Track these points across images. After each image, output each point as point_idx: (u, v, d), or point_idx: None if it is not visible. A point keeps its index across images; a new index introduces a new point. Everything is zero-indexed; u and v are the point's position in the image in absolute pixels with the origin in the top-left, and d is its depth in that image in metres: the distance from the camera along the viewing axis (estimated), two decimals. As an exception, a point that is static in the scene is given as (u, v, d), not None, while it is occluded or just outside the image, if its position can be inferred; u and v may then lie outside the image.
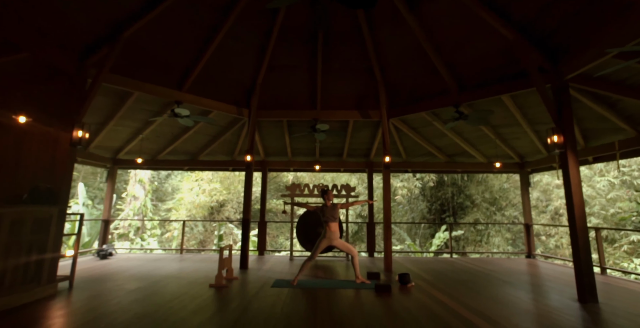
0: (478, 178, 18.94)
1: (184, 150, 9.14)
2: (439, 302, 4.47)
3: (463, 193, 19.13)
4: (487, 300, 4.56)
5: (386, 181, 7.08)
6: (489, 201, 18.76)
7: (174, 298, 4.49)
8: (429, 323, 3.62)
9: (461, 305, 4.29)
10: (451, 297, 4.72)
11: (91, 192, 20.99)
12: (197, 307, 4.08)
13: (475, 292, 5.04)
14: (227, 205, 17.85)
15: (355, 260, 5.60)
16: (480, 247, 17.52)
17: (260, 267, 7.07)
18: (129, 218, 13.44)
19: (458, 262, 8.16)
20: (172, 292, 4.79)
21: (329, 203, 5.66)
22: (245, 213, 7.06)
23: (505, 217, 18.01)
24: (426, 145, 8.74)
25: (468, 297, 4.72)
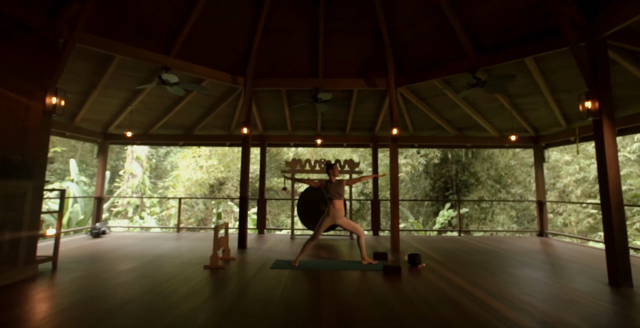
0: (483, 155, 18.45)
1: (178, 124, 8.61)
2: (454, 284, 4.08)
3: (467, 170, 18.68)
4: (505, 282, 4.17)
5: (393, 155, 6.59)
6: (494, 178, 18.35)
7: (165, 280, 4.10)
8: (445, 309, 3.22)
9: (478, 288, 3.89)
10: (466, 279, 4.33)
11: (90, 170, 20.59)
12: (188, 291, 3.69)
13: (491, 273, 4.64)
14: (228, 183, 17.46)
15: (362, 240, 5.19)
16: (485, 225, 17.24)
17: (259, 247, 6.70)
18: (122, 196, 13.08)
19: (467, 241, 7.79)
20: (163, 274, 4.41)
21: (334, 179, 5.20)
22: (243, 190, 6.62)
23: (511, 195, 17.65)
24: (435, 117, 8.17)
25: (484, 279, 4.32)
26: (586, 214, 13.98)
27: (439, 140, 8.91)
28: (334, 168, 5.22)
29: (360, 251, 5.21)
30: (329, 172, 5.22)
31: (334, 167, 5.23)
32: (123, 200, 16.38)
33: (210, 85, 7.36)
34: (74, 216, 9.52)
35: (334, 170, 5.21)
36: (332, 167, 5.22)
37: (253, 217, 11.62)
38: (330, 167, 5.23)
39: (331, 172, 5.20)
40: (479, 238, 8.48)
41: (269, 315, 3.06)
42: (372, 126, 8.74)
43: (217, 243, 4.81)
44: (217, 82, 7.21)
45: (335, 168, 5.22)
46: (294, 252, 6.08)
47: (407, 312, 3.17)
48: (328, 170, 5.24)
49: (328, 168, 5.24)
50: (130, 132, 7.43)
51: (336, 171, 5.22)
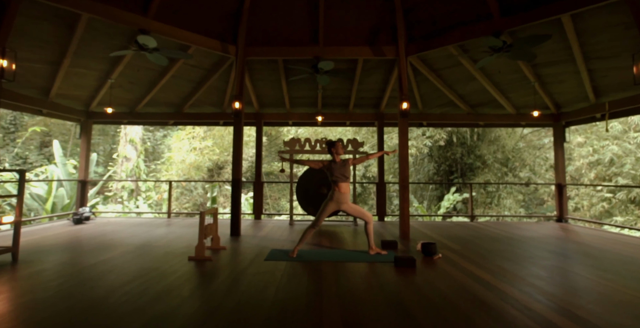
0: (490, 138, 17.73)
1: (166, 101, 7.88)
2: (477, 278, 3.46)
3: (473, 153, 18.01)
4: (539, 278, 3.55)
5: (403, 132, 5.89)
6: (500, 161, 17.70)
7: (139, 276, 3.48)
8: (471, 309, 2.61)
9: (508, 284, 3.27)
10: (490, 272, 3.71)
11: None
12: (163, 290, 3.08)
13: (518, 264, 4.03)
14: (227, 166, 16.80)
15: (370, 227, 4.56)
16: (490, 209, 16.65)
17: (255, 234, 6.09)
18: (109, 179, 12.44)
19: (480, 227, 7.18)
20: (139, 267, 3.80)
21: (338, 159, 4.53)
22: (235, 172, 5.96)
23: (518, 178, 17.02)
24: (447, 92, 7.42)
25: (512, 272, 3.71)
26: (600, 198, 13.36)
27: (449, 118, 8.18)
28: (336, 146, 4.54)
29: (367, 239, 4.59)
30: (332, 152, 4.55)
31: (336, 145, 4.55)
32: (117, 184, 15.80)
33: (198, 55, 6.60)
34: (59, 200, 8.92)
35: (337, 148, 4.53)
36: (334, 145, 4.55)
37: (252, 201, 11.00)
38: (332, 146, 4.55)
39: (334, 151, 4.53)
40: (493, 224, 7.87)
41: (260, 321, 2.44)
42: (377, 102, 8.00)
43: (202, 231, 4.18)
44: (205, 51, 6.45)
45: (339, 147, 4.55)
46: (293, 240, 5.47)
47: (426, 314, 2.55)
48: (330, 149, 4.56)
49: (330, 147, 4.57)
50: (110, 108, 6.69)
51: (340, 149, 4.55)
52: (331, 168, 4.46)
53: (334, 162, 4.50)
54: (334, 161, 4.51)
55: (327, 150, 4.62)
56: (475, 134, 17.47)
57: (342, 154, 4.56)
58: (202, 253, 4.14)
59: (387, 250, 4.70)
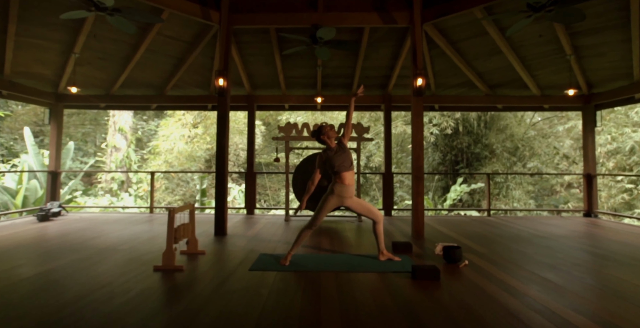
0: (498, 126, 16.83)
1: (145, 82, 6.96)
2: (520, 295, 2.62)
3: (480, 142, 17.14)
4: (596, 293, 2.71)
5: (417, 114, 5.00)
6: (509, 150, 16.85)
7: (80, 296, 2.64)
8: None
9: (562, 304, 2.43)
10: (535, 285, 2.87)
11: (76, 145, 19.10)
12: (104, 320, 2.25)
13: (565, 274, 3.19)
14: None
15: (379, 228, 3.72)
16: (498, 200, 15.82)
17: (244, 233, 5.26)
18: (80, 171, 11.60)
19: (500, 223, 6.35)
20: (87, 282, 2.96)
21: (333, 144, 3.66)
22: (220, 163, 5.09)
23: (527, 169, 16.18)
24: (465, 69, 6.50)
25: (561, 286, 2.87)
26: (619, 189, 12.52)
27: (465, 101, 7.28)
28: (325, 131, 3.66)
29: (376, 242, 3.75)
30: (322, 139, 3.67)
31: (324, 129, 3.66)
32: (107, 176, 14.99)
33: (176, 24, 5.68)
34: (31, 194, 8.09)
35: (327, 132, 3.64)
36: (322, 131, 3.66)
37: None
38: (320, 133, 3.66)
39: (325, 138, 3.65)
40: (511, 218, 7.04)
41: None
42: (384, 82, 7.08)
43: (172, 234, 3.33)
44: (183, 20, 5.53)
45: (328, 131, 3.65)
46: (287, 241, 4.64)
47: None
48: (319, 137, 3.68)
49: (318, 135, 3.68)
50: (74, 87, 5.78)
51: (330, 132, 3.66)
52: (329, 158, 3.59)
53: (329, 150, 3.63)
54: (329, 148, 3.64)
55: (316, 140, 3.74)
56: (482, 122, 16.62)
57: (334, 136, 3.69)
58: (170, 262, 3.30)
59: (400, 255, 3.87)
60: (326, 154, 3.62)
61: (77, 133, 20.08)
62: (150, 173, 7.53)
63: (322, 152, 3.66)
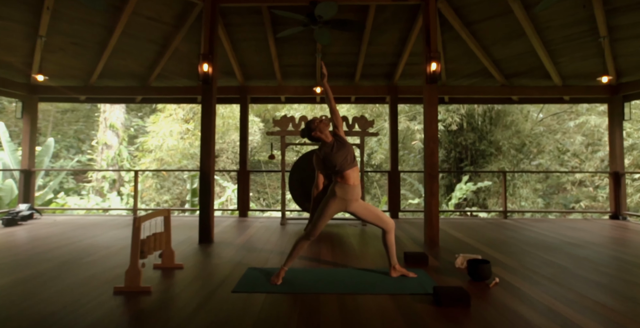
0: (505, 122, 16.20)
1: (127, 71, 6.32)
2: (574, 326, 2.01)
3: (486, 139, 16.52)
4: (690, 331, 2.08)
5: (430, 103, 4.36)
6: (515, 147, 16.24)
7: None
8: None
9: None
10: (590, 314, 2.25)
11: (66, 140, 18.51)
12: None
13: (618, 295, 2.57)
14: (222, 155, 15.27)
15: (390, 238, 3.08)
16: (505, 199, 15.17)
17: (233, 240, 4.63)
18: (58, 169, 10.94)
19: (520, 226, 5.72)
20: (29, 309, 2.34)
21: (329, 138, 3.02)
22: (205, 157, 4.45)
23: (534, 166, 15.59)
24: (481, 56, 5.85)
25: (621, 313, 2.24)
26: (637, 188, 11.90)
27: (478, 92, 6.63)
28: (315, 125, 2.97)
29: (387, 255, 3.12)
30: (314, 137, 3.00)
31: (314, 123, 2.99)
32: (97, 174, 14.36)
33: (154, 1, 5.01)
34: (7, 194, 7.46)
35: (319, 127, 2.97)
36: (312, 127, 2.97)
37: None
38: (310, 130, 2.98)
39: (318, 135, 2.98)
40: (531, 221, 6.41)
41: None
42: (390, 71, 6.44)
43: (137, 248, 2.70)
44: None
45: (319, 125, 2.97)
46: (282, 251, 4.01)
47: None
48: (310, 135, 3.01)
49: (309, 133, 3.01)
50: (41, 75, 5.13)
51: (323, 126, 2.98)
52: (327, 156, 2.94)
53: (325, 147, 2.99)
54: (325, 144, 3.00)
55: (308, 139, 3.08)
56: (488, 118, 16.02)
57: (325, 130, 3.01)
58: (135, 283, 2.67)
59: (414, 270, 3.24)
60: (323, 152, 2.97)
61: (69, 130, 19.49)
62: (134, 172, 6.89)
63: (318, 151, 3.00)
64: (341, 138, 3.02)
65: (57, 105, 19.01)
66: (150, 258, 3.18)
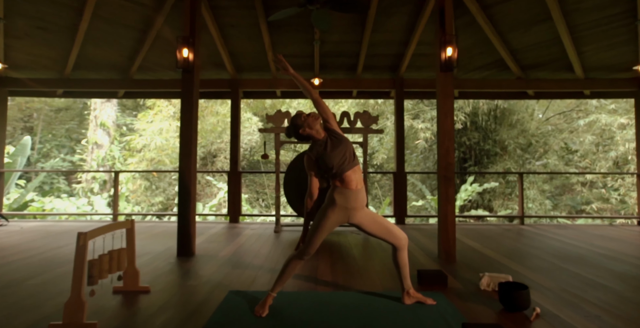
0: (510, 121, 15.66)
1: (105, 62, 5.72)
2: None
3: (490, 138, 15.97)
4: None
5: (445, 93, 3.77)
6: (521, 147, 15.69)
7: None
8: None
9: None
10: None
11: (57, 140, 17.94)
12: None
13: None
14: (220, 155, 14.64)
15: (403, 256, 2.49)
16: (510, 200, 14.61)
17: (218, 251, 4.03)
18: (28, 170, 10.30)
19: (540, 233, 5.14)
20: None
21: (321, 135, 2.41)
22: (184, 157, 3.85)
23: (543, 167, 15.02)
24: (498, 44, 5.26)
25: None
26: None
27: (491, 85, 6.04)
28: (301, 121, 2.37)
29: (399, 277, 2.53)
30: (302, 135, 2.39)
31: (299, 120, 2.37)
32: (87, 175, 13.78)
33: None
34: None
35: (307, 122, 2.36)
36: (298, 124, 2.37)
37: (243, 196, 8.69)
38: (296, 127, 2.38)
39: (307, 132, 2.37)
40: (551, 228, 5.82)
41: None
42: (396, 63, 5.85)
43: (80, 276, 2.09)
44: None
45: (307, 119, 2.36)
46: (272, 267, 3.41)
47: None
48: (297, 132, 2.40)
49: (296, 132, 2.40)
50: (2, 65, 4.52)
51: (311, 120, 2.36)
52: (321, 156, 2.34)
53: (317, 145, 2.39)
54: (317, 142, 2.41)
55: (295, 137, 2.47)
56: (492, 117, 15.49)
57: (315, 125, 2.38)
58: (76, 318, 2.06)
59: (432, 294, 2.64)
60: (316, 152, 2.38)
61: (62, 129, 18.92)
62: (114, 173, 6.29)
63: (309, 151, 2.41)
64: (336, 133, 2.43)
65: (50, 104, 18.43)
66: (107, 281, 2.59)
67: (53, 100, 18.75)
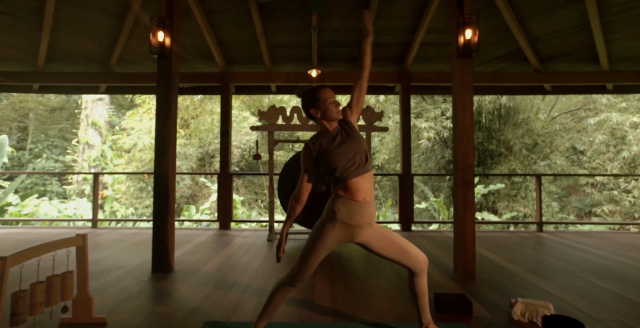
0: (516, 120, 15.17)
1: (82, 53, 5.20)
2: None
3: (495, 138, 15.47)
4: None
5: (464, 85, 3.24)
6: (527, 147, 15.19)
7: None
8: None
9: None
10: None
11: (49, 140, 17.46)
12: None
13: None
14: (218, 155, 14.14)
15: (422, 282, 1.96)
16: (516, 202, 14.09)
17: (200, 265, 3.50)
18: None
19: (562, 242, 4.61)
20: None
21: (332, 127, 1.88)
22: (160, 157, 3.33)
23: (550, 168, 14.51)
24: (517, 31, 4.74)
25: None
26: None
27: (505, 79, 5.51)
28: (318, 96, 1.83)
29: (416, 308, 2.00)
30: (310, 115, 1.89)
31: (318, 93, 1.83)
32: (78, 176, 13.29)
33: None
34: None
35: (324, 102, 1.82)
36: (314, 99, 1.84)
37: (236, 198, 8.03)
38: (312, 102, 1.85)
39: (316, 114, 1.85)
40: (572, 235, 5.29)
41: None
42: (402, 54, 5.33)
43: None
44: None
45: (326, 100, 1.82)
46: (261, 287, 2.89)
47: None
48: (308, 109, 1.87)
49: (308, 106, 1.87)
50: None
51: (329, 103, 1.83)
52: (324, 152, 1.82)
53: (322, 137, 1.87)
54: (323, 133, 1.88)
55: (304, 110, 1.92)
56: (497, 116, 15.00)
57: (337, 113, 1.85)
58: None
59: (456, 325, 2.13)
60: (319, 144, 1.85)
61: (55, 129, 18.45)
62: (94, 175, 5.77)
63: (311, 142, 1.88)
64: (351, 125, 1.91)
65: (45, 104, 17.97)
66: (53, 310, 2.06)
67: (48, 100, 18.25)
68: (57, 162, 16.71)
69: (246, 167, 14.74)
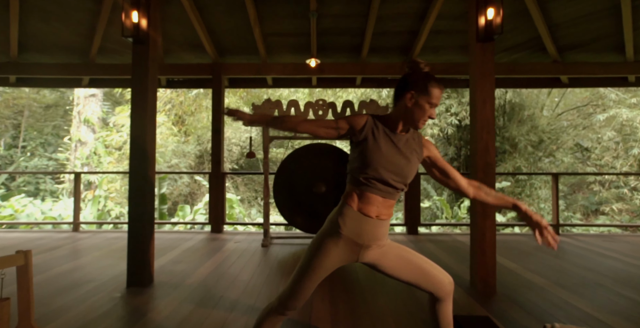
0: (521, 117, 14.78)
1: (59, 42, 4.78)
2: None
3: (499, 135, 15.10)
4: None
5: (484, 73, 2.83)
6: (532, 144, 14.81)
7: None
8: None
9: None
10: None
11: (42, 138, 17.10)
12: None
13: None
14: None
15: (446, 309, 1.56)
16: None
17: (183, 277, 3.09)
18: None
19: (584, 247, 4.22)
20: None
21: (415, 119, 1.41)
22: (136, 156, 2.92)
23: (555, 165, 14.14)
24: (539, 18, 4.32)
25: None
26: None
27: (521, 71, 5.09)
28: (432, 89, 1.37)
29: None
30: (409, 98, 1.39)
31: (433, 86, 1.37)
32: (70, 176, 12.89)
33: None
34: None
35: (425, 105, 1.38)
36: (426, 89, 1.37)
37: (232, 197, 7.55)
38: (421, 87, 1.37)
39: (413, 101, 1.39)
40: (592, 239, 4.89)
41: None
42: (408, 43, 4.90)
43: None
44: None
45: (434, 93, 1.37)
46: (251, 304, 2.48)
47: None
48: (409, 90, 1.39)
49: (412, 87, 1.39)
50: None
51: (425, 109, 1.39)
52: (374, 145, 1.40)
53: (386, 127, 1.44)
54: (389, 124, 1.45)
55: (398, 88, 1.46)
56: (501, 112, 14.62)
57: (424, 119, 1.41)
58: None
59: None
60: (378, 131, 1.42)
61: (49, 126, 18.07)
62: (75, 174, 5.36)
63: (374, 121, 1.43)
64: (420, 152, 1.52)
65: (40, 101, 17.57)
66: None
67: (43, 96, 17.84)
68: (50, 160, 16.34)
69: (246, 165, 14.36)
